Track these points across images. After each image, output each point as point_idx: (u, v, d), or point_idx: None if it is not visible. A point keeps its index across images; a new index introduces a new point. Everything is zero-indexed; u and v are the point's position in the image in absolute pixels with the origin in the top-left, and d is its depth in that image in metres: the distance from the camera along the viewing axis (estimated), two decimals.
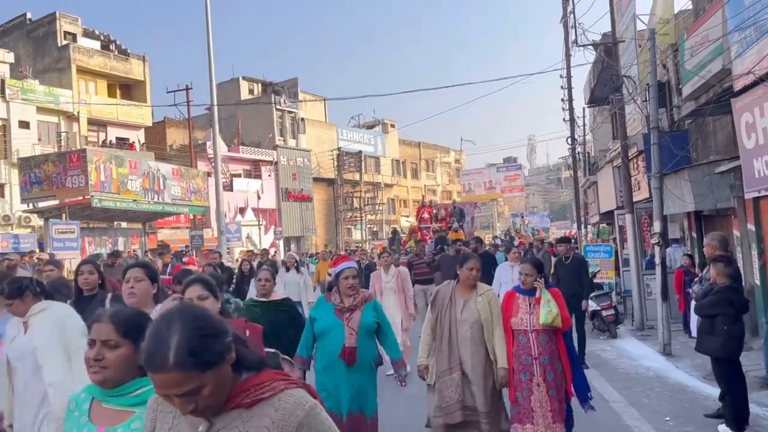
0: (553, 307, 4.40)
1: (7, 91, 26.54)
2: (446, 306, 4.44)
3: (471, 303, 4.41)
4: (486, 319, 4.36)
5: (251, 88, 42.92)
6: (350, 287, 4.14)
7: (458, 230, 17.60)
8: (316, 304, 4.38)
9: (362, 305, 4.16)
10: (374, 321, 4.18)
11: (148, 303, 3.20)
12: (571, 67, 19.62)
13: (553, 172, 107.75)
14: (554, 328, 4.45)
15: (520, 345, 4.47)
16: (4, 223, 25.14)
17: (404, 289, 8.22)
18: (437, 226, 18.87)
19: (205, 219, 29.73)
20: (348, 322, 4.07)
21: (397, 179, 51.29)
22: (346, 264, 4.27)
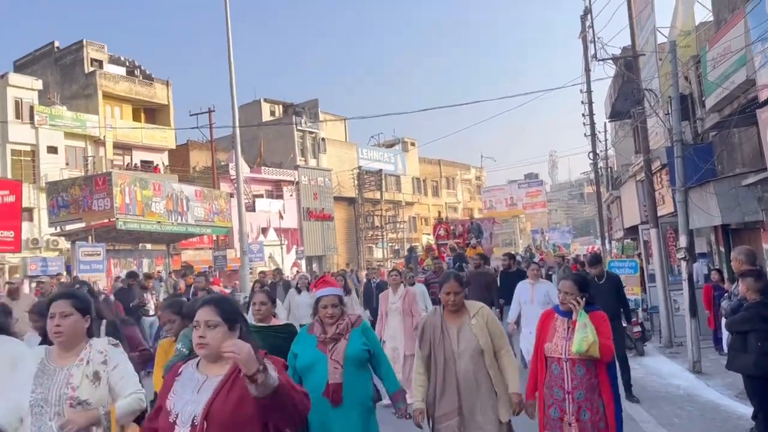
0: (589, 333, 3.66)
1: (36, 117, 27.20)
2: (438, 338, 3.78)
3: (466, 329, 3.76)
4: (486, 343, 3.71)
5: (272, 109, 43.44)
6: (330, 317, 3.61)
7: (477, 246, 17.14)
8: (298, 337, 3.80)
9: (348, 332, 3.61)
10: (363, 349, 3.62)
11: (79, 340, 2.88)
12: (591, 82, 19.56)
13: (576, 188, 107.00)
14: (592, 358, 3.72)
15: (552, 375, 3.81)
16: (33, 246, 25.61)
17: (412, 312, 7.50)
18: (454, 242, 18.47)
19: (228, 239, 29.97)
20: (331, 355, 3.53)
21: (417, 197, 51.28)
22: (325, 290, 3.71)
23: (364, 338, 3.66)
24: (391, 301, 7.63)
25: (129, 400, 2.80)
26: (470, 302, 3.92)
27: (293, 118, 40.38)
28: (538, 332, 4.00)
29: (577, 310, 3.78)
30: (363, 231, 44.30)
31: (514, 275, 9.69)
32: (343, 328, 3.61)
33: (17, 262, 24.51)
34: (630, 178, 17.81)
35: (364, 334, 3.67)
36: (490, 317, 3.84)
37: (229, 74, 18.77)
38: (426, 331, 3.87)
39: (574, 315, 3.79)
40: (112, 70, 32.63)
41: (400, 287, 7.72)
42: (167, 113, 34.38)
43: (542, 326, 4.00)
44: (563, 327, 3.88)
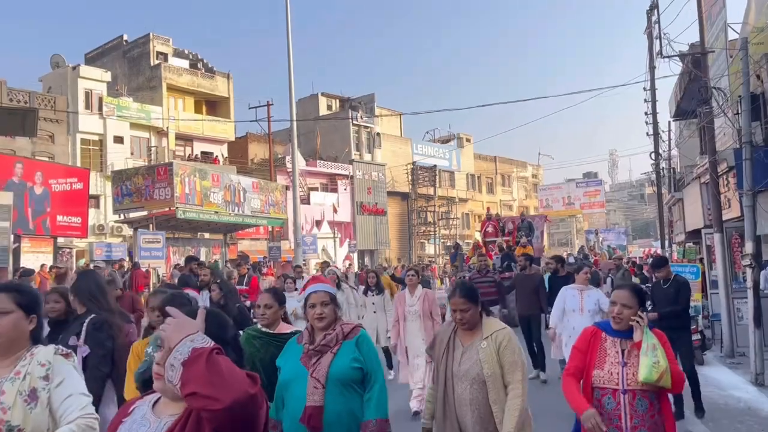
0: (661, 358, 2.97)
1: (104, 108, 28.33)
2: (442, 354, 3.34)
3: (472, 350, 3.26)
4: (492, 374, 3.15)
5: (329, 103, 43.87)
6: (319, 318, 3.01)
7: (526, 245, 16.17)
8: (286, 347, 3.18)
9: (338, 344, 2.98)
10: (353, 367, 2.94)
11: (19, 346, 2.34)
12: (656, 79, 18.89)
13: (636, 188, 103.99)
14: (659, 388, 3.05)
15: (603, 410, 3.07)
16: (99, 232, 26.73)
17: (432, 314, 6.92)
18: (503, 240, 17.47)
19: (282, 231, 30.50)
20: (313, 371, 2.91)
21: (471, 194, 50.87)
22: (314, 287, 3.15)
23: (358, 353, 2.98)
24: (409, 303, 7.07)
25: (73, 427, 2.20)
26: (491, 321, 3.37)
27: (349, 112, 40.68)
28: (581, 354, 3.25)
29: (641, 328, 3.08)
30: (415, 226, 44.28)
31: (562, 280, 8.89)
32: (331, 339, 2.98)
33: (84, 247, 25.64)
34: (694, 179, 17.14)
35: (358, 347, 3.01)
36: (505, 343, 3.22)
37: (288, 69, 19.06)
38: (436, 342, 3.50)
39: (637, 334, 3.09)
40: (176, 63, 33.65)
41: (417, 288, 7.16)
42: (227, 106, 35.22)
43: (586, 347, 3.25)
44: (615, 350, 3.15)
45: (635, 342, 3.09)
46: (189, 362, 1.47)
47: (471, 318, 3.27)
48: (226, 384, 1.45)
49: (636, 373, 3.02)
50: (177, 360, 1.49)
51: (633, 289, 3.28)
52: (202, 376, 1.45)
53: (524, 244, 16.35)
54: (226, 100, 35.25)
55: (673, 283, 6.98)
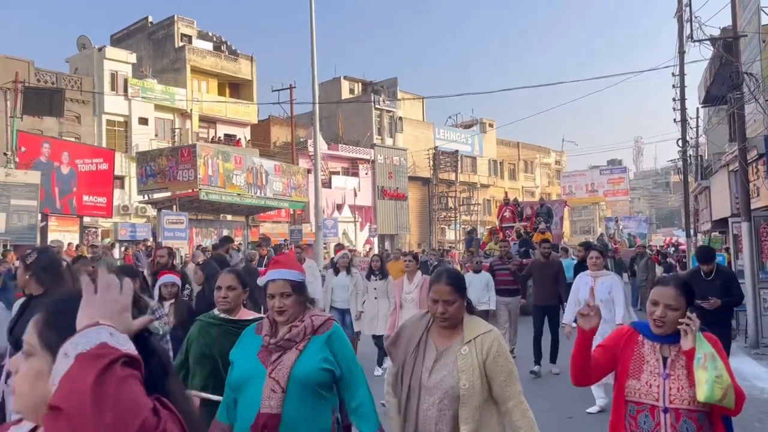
0: (723, 372, 2.38)
1: (129, 90, 28.60)
2: (409, 356, 2.63)
3: (449, 356, 2.56)
4: (470, 389, 2.47)
5: (352, 87, 43.76)
6: (279, 311, 2.51)
7: (545, 231, 15.64)
8: (241, 337, 2.68)
9: (305, 340, 2.48)
10: (322, 368, 2.45)
11: None
12: (685, 64, 18.48)
13: (661, 176, 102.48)
14: (711, 407, 2.47)
15: (640, 430, 2.54)
16: (123, 212, 27.11)
17: None
18: (521, 226, 16.84)
19: (304, 214, 30.65)
20: (272, 370, 2.42)
21: (493, 180, 50.54)
22: (273, 274, 2.59)
23: (328, 352, 2.49)
24: (407, 290, 6.77)
25: None
26: (475, 321, 2.64)
27: (371, 96, 40.55)
28: (608, 362, 2.68)
29: (693, 333, 2.47)
30: (436, 212, 44.18)
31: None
32: (297, 333, 2.48)
33: (109, 227, 26.04)
34: (722, 167, 16.83)
35: (329, 345, 2.51)
36: (494, 350, 2.53)
37: (311, 53, 19.01)
38: (400, 340, 2.72)
39: (687, 341, 2.47)
40: (200, 45, 33.78)
41: (416, 275, 6.87)
42: (251, 88, 35.31)
43: (618, 352, 2.66)
44: (656, 357, 2.56)
45: (684, 350, 2.47)
46: (84, 359, 0.97)
47: (455, 313, 2.58)
48: (112, 416, 0.91)
49: (682, 388, 2.47)
50: (74, 348, 0.99)
51: (680, 285, 2.58)
52: (86, 389, 0.92)
53: (543, 230, 15.81)
54: (249, 83, 35.34)
55: (719, 275, 6.44)
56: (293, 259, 2.81)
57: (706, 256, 6.61)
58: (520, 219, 17.88)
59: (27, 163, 18.33)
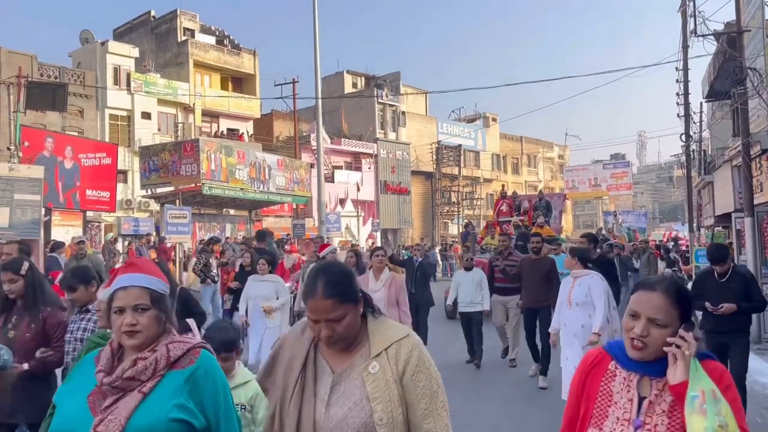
0: (728, 418, 1.62)
1: (132, 84, 28.61)
2: (292, 383, 1.86)
3: (352, 380, 1.83)
4: (390, 422, 1.78)
5: (355, 81, 43.70)
6: (129, 332, 1.79)
7: (543, 225, 15.01)
8: (75, 368, 1.95)
9: (155, 377, 1.77)
10: (175, 419, 1.73)
11: None
12: (689, 59, 18.42)
13: (665, 171, 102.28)
14: None
15: None
16: (127, 207, 27.17)
17: (399, 303, 6.01)
18: (518, 220, 16.26)
19: (307, 209, 30.68)
20: (99, 423, 1.70)
21: (497, 174, 50.49)
22: (124, 279, 1.86)
23: (187, 395, 1.77)
24: (373, 288, 5.93)
25: None
26: (384, 324, 1.91)
27: (374, 90, 40.50)
28: (572, 400, 1.94)
29: (686, 359, 1.69)
30: (439, 206, 44.17)
31: (597, 265, 7.04)
32: (143, 368, 1.77)
33: (112, 221, 26.12)
34: (725, 162, 16.80)
35: (191, 385, 1.79)
36: (412, 364, 1.82)
37: (314, 47, 18.98)
38: (278, 363, 1.95)
39: (677, 371, 1.69)
40: (202, 39, 33.76)
41: (384, 271, 6.14)
42: (253, 83, 35.29)
43: (584, 383, 1.90)
44: (628, 395, 1.79)
45: (672, 385, 1.69)
46: None
47: (347, 331, 1.83)
48: None
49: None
50: None
51: (670, 290, 1.79)
52: None
53: (541, 224, 15.19)
54: (252, 77, 35.31)
55: (735, 276, 5.50)
56: (151, 263, 2.03)
57: (719, 256, 5.56)
58: (518, 213, 17.28)
59: (30, 158, 18.33)
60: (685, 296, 1.83)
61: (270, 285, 6.99)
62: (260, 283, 6.98)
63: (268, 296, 6.85)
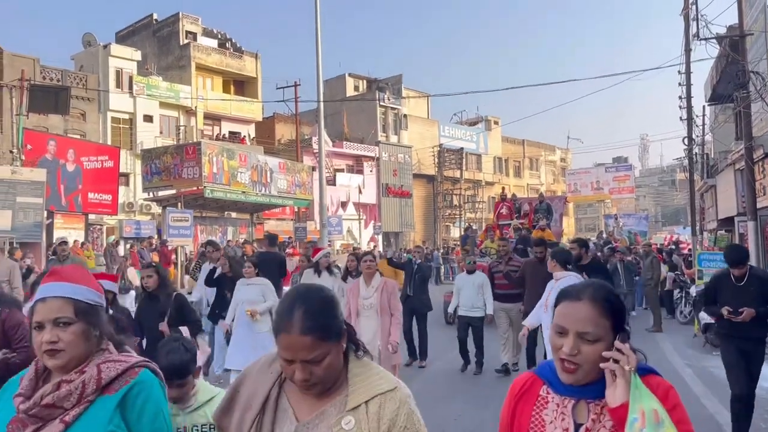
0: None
1: (134, 87, 28.64)
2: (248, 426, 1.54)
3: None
4: None
5: (356, 84, 43.72)
6: (51, 352, 1.58)
7: (545, 229, 14.80)
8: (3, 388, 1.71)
9: (81, 403, 1.55)
10: None
11: None
12: (691, 63, 18.38)
13: (667, 174, 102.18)
14: None
15: None
16: (128, 209, 27.18)
17: (390, 308, 5.81)
18: (518, 223, 15.97)
19: (308, 212, 30.67)
20: None
21: (499, 177, 50.46)
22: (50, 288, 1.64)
23: (119, 422, 1.57)
24: (364, 295, 5.78)
25: None
26: (369, 369, 1.57)
27: (376, 93, 40.53)
28: (505, 429, 1.72)
29: (626, 376, 1.47)
30: (441, 209, 44.14)
31: (588, 270, 6.95)
32: (66, 393, 1.55)
33: (114, 224, 26.12)
34: (728, 166, 16.77)
35: (123, 410, 1.59)
36: (401, 424, 1.48)
37: (316, 50, 18.99)
38: (237, 398, 1.62)
39: (616, 392, 1.46)
40: (205, 42, 33.80)
41: (375, 276, 5.92)
42: (255, 86, 35.32)
43: (514, 413, 1.68)
44: (562, 424, 1.56)
45: (613, 407, 1.46)
46: None
47: (327, 374, 1.49)
48: None
49: None
50: None
51: (599, 298, 1.56)
52: None
53: (543, 227, 14.90)
54: (254, 80, 35.34)
55: (753, 279, 5.13)
56: (81, 270, 1.76)
57: (737, 257, 5.22)
58: (518, 216, 16.97)
59: (33, 161, 18.39)
60: (616, 302, 1.58)
61: (256, 288, 6.74)
62: (247, 287, 6.73)
63: (254, 300, 6.61)
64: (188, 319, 4.95)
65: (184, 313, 4.81)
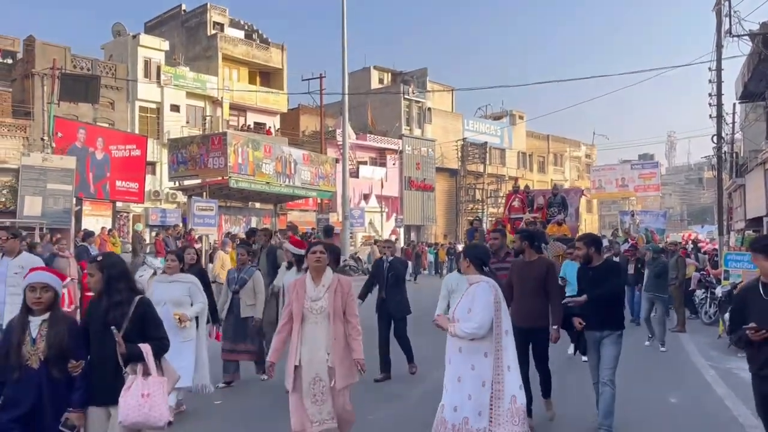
0: None
1: (162, 77, 28.98)
2: None
3: None
4: None
5: (381, 77, 43.70)
6: None
7: (562, 223, 13.82)
8: None
9: None
10: None
11: None
12: (723, 60, 18.07)
13: (694, 172, 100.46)
14: None
15: None
16: (155, 198, 27.57)
17: (346, 314, 4.29)
18: (531, 216, 14.88)
19: (331, 203, 30.82)
20: None
21: (522, 172, 50.10)
22: None
23: None
24: (312, 295, 4.27)
25: None
26: None
27: (401, 86, 40.47)
28: None
29: None
30: (463, 203, 44.03)
31: (602, 272, 5.27)
32: None
33: (140, 212, 26.54)
34: (758, 165, 16.49)
35: None
36: None
37: (342, 43, 19.06)
38: None
39: None
40: (232, 33, 34.04)
41: (326, 273, 4.36)
42: (281, 77, 35.50)
43: None
44: None
45: None
46: None
47: None
48: None
49: None
50: None
51: None
52: None
53: (559, 222, 13.80)
54: (280, 72, 35.52)
55: None
56: None
57: None
58: (531, 209, 15.82)
59: (63, 149, 18.73)
60: None
61: (181, 287, 5.62)
62: (169, 285, 5.59)
63: (181, 301, 5.53)
64: (150, 334, 3.45)
65: (146, 327, 3.45)
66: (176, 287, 5.58)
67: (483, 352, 4.04)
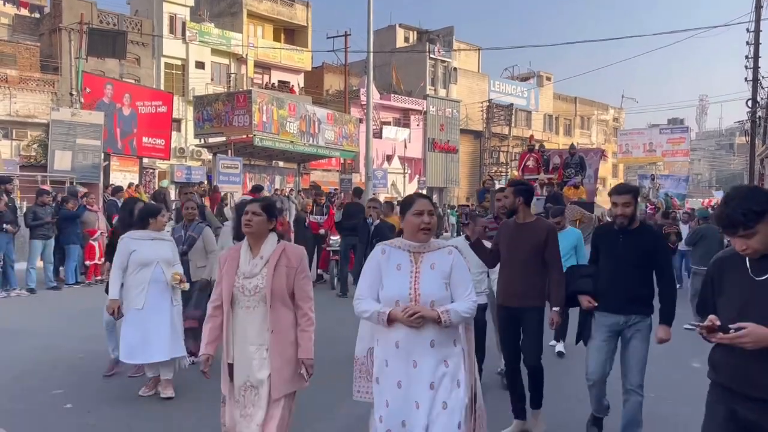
0: None
1: (187, 33, 28.90)
2: None
3: None
4: None
5: (407, 36, 43.03)
6: None
7: (579, 186, 13.10)
8: None
9: None
10: None
11: None
12: (761, 20, 17.45)
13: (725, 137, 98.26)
14: None
15: None
16: (180, 155, 27.83)
17: (297, 299, 3.14)
18: (546, 178, 13.88)
19: (354, 164, 30.82)
20: None
21: (548, 135, 49.40)
22: None
23: None
24: (246, 270, 3.10)
25: None
26: None
27: (426, 45, 39.84)
28: None
29: None
30: (487, 166, 43.68)
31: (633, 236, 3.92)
32: None
33: (166, 168, 26.84)
34: None
35: None
36: None
37: (367, 0, 18.74)
38: None
39: None
40: None
41: (267, 241, 3.17)
42: (305, 35, 35.18)
43: None
44: None
45: None
46: None
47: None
48: None
49: None
50: None
51: None
52: None
53: (576, 184, 13.01)
54: (304, 29, 35.18)
55: None
56: None
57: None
58: (546, 170, 14.76)
59: (91, 104, 18.90)
60: None
61: (168, 245, 5.08)
62: (154, 243, 4.93)
63: (173, 260, 5.01)
64: None
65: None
66: (164, 245, 4.96)
67: (452, 339, 2.80)
